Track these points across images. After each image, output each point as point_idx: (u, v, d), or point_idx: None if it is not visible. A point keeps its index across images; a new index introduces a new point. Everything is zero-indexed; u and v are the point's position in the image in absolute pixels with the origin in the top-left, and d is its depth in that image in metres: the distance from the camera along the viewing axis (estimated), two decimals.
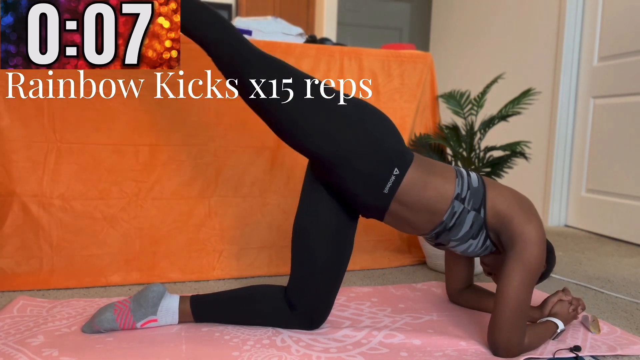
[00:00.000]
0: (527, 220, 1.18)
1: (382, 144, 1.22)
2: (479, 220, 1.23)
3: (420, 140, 2.07)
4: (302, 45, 1.97)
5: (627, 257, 2.35)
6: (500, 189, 1.26)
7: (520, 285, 1.14)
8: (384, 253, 2.09)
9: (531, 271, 1.15)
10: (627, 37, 2.69)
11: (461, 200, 1.22)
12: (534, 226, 1.18)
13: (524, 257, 1.15)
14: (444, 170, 1.26)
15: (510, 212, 1.21)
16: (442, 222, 1.24)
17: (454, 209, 1.22)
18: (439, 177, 1.24)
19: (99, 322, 1.24)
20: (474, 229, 1.24)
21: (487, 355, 1.19)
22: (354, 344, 1.24)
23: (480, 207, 1.23)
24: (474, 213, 1.22)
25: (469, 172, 1.29)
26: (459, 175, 1.26)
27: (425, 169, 1.24)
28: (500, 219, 1.21)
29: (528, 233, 1.17)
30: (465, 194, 1.23)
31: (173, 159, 1.81)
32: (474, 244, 1.26)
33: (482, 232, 1.24)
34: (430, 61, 2.15)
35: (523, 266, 1.14)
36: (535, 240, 1.16)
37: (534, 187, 3.28)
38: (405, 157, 1.24)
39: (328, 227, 1.28)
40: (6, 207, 1.66)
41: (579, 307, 1.35)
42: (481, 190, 1.24)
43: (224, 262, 1.85)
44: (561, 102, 3.06)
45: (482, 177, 1.29)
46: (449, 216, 1.23)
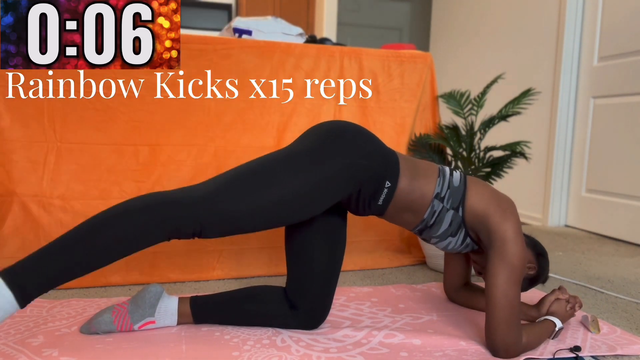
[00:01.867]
0: (503, 219, 1.20)
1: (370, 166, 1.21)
2: (458, 218, 1.26)
3: (420, 140, 2.07)
4: (302, 45, 1.97)
5: (627, 257, 2.35)
6: (480, 188, 1.28)
7: (506, 284, 1.15)
8: (384, 253, 2.09)
9: (514, 268, 1.16)
10: (627, 37, 2.69)
11: (440, 200, 1.25)
12: (510, 224, 1.19)
13: (504, 256, 1.16)
14: (427, 170, 1.29)
15: (486, 211, 1.23)
16: (424, 219, 1.27)
17: (433, 208, 1.25)
18: (422, 177, 1.26)
19: (97, 323, 1.23)
20: (452, 227, 1.27)
21: (487, 355, 1.19)
22: (354, 344, 1.24)
23: (459, 206, 1.25)
24: (452, 212, 1.25)
25: (452, 171, 1.30)
26: (441, 174, 1.28)
27: (411, 172, 1.26)
28: (477, 218, 1.24)
29: (504, 231, 1.18)
30: (445, 193, 1.25)
31: (173, 159, 1.81)
32: (453, 241, 1.30)
33: (461, 230, 1.27)
34: (430, 61, 2.15)
35: (505, 265, 1.16)
36: (512, 237, 1.18)
37: (534, 187, 3.28)
38: (392, 166, 1.25)
39: (321, 226, 1.29)
40: (6, 207, 1.66)
41: (576, 305, 1.36)
42: (461, 189, 1.26)
43: (224, 262, 1.85)
44: (561, 102, 3.07)
45: (465, 176, 1.31)
46: (429, 214, 1.26)
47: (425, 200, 1.25)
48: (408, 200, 1.25)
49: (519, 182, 3.33)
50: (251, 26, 2.00)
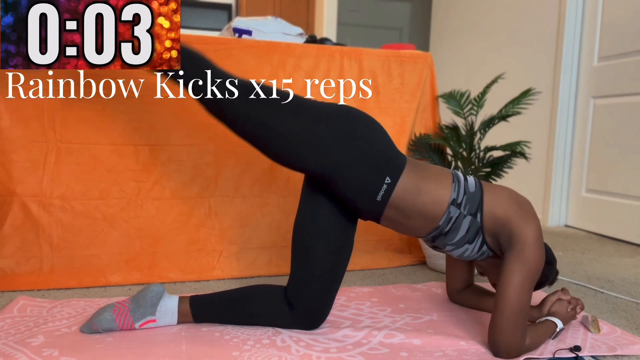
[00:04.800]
0: (525, 223, 1.19)
1: (372, 154, 1.23)
2: (475, 224, 1.23)
3: (420, 140, 2.07)
4: (302, 45, 1.97)
5: (627, 257, 2.35)
6: (497, 191, 1.26)
7: (520, 286, 1.14)
8: (384, 253, 2.09)
9: (531, 272, 1.15)
10: (627, 37, 2.69)
11: (457, 206, 1.23)
12: (532, 228, 1.18)
13: (523, 259, 1.15)
14: (440, 175, 1.27)
15: (508, 214, 1.21)
16: (438, 227, 1.25)
17: (450, 214, 1.23)
18: (433, 182, 1.24)
19: (98, 322, 1.24)
20: (470, 233, 1.24)
21: (487, 355, 1.19)
22: (354, 344, 1.24)
23: (477, 211, 1.23)
24: (470, 218, 1.23)
25: (466, 177, 1.29)
26: (456, 179, 1.26)
27: (419, 175, 1.25)
28: (498, 222, 1.22)
29: (526, 235, 1.17)
30: (462, 199, 1.23)
31: (173, 159, 1.81)
32: (469, 248, 1.27)
33: (479, 237, 1.25)
34: (430, 61, 2.15)
35: (522, 267, 1.15)
36: (533, 242, 1.17)
37: (534, 187, 3.28)
38: (397, 163, 1.24)
39: (327, 228, 1.29)
40: (6, 207, 1.66)
41: (577, 307, 1.35)
42: (478, 194, 1.24)
43: (224, 262, 1.85)
44: (561, 102, 3.06)
45: (479, 180, 1.29)
46: (445, 221, 1.23)
47: (440, 206, 1.22)
48: (416, 202, 1.23)
49: (519, 182, 3.33)
50: (251, 26, 2.00)
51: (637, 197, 2.62)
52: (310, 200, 1.31)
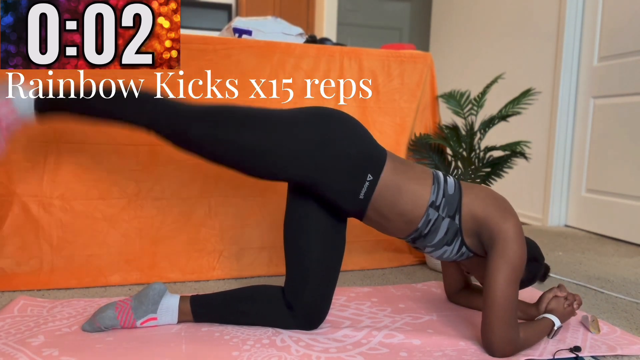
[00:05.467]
0: (503, 220, 1.20)
1: (352, 153, 1.23)
2: (454, 226, 1.24)
3: (420, 140, 2.07)
4: (302, 45, 1.97)
5: (627, 257, 2.35)
6: (476, 191, 1.27)
7: (506, 283, 1.15)
8: (384, 253, 2.09)
9: (514, 267, 1.16)
10: (627, 37, 2.69)
11: (436, 208, 1.23)
12: (511, 224, 1.19)
13: (505, 255, 1.16)
14: (421, 174, 1.27)
15: (486, 213, 1.22)
16: (417, 229, 1.26)
17: (428, 217, 1.24)
18: (414, 182, 1.25)
19: (101, 319, 1.25)
20: (448, 235, 1.25)
21: (486, 355, 1.19)
22: (353, 344, 1.24)
23: (455, 213, 1.24)
24: (448, 220, 1.24)
25: (446, 178, 1.29)
26: (436, 181, 1.26)
27: (400, 173, 1.25)
28: (477, 222, 1.23)
29: (505, 231, 1.18)
30: (440, 202, 1.24)
31: (173, 159, 1.81)
32: (448, 250, 1.28)
33: (457, 239, 1.25)
34: (430, 61, 2.15)
35: (506, 263, 1.16)
36: (514, 237, 1.18)
37: (534, 187, 3.28)
38: (377, 160, 1.25)
39: (317, 228, 1.29)
40: (6, 207, 1.66)
41: (574, 303, 1.35)
42: (457, 197, 1.25)
43: (223, 262, 1.85)
44: (561, 102, 3.07)
45: (459, 181, 1.30)
46: (423, 223, 1.24)
47: (418, 208, 1.23)
48: (396, 201, 1.23)
49: (519, 182, 3.33)
50: (251, 26, 2.00)
51: (637, 197, 2.62)
52: (297, 202, 1.32)
